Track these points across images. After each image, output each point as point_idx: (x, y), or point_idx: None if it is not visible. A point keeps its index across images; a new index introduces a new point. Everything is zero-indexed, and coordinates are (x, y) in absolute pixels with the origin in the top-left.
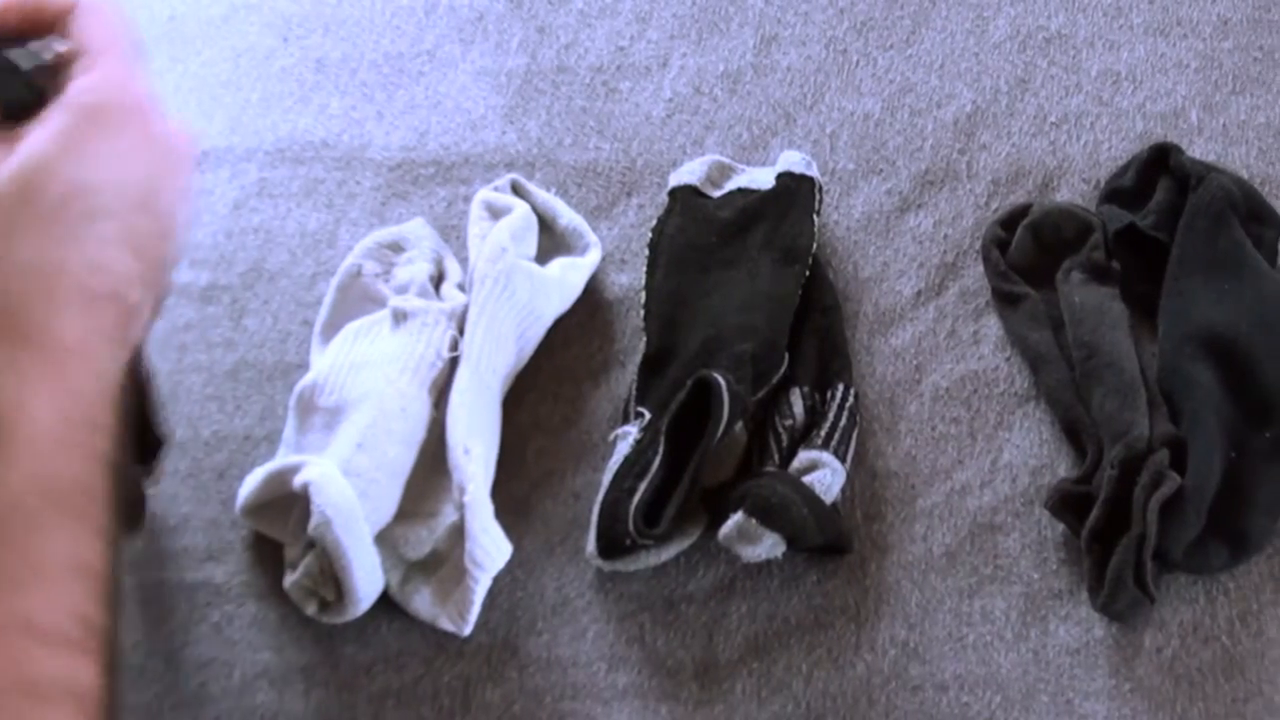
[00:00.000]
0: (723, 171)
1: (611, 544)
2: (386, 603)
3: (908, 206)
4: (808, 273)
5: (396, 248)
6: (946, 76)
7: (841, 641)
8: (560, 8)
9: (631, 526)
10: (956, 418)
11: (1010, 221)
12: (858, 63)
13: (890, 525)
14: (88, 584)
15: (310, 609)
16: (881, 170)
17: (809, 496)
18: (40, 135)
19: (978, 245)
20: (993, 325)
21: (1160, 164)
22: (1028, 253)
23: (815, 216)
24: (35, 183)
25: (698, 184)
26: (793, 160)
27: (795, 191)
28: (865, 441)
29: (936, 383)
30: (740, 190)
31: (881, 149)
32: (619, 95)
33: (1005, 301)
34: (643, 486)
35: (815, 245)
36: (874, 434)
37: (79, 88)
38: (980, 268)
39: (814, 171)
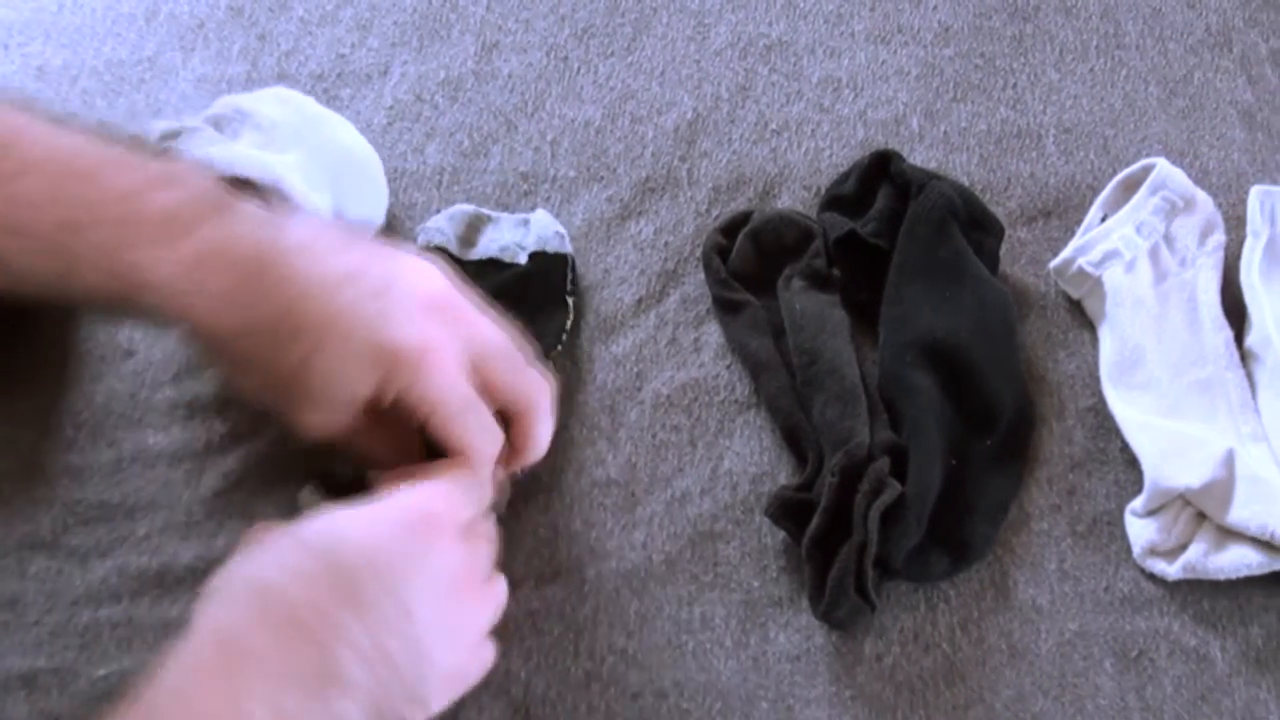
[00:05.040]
0: (473, 227)
1: None
2: (116, 619)
3: (629, 214)
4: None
5: None
6: (668, 84)
7: (560, 648)
8: (281, 16)
9: None
10: (677, 425)
11: (731, 229)
12: (579, 70)
13: (610, 533)
14: None
15: None
16: (602, 177)
17: None
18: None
19: (699, 252)
20: (714, 332)
21: (881, 171)
22: (748, 260)
23: (568, 298)
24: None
25: (450, 247)
26: (546, 233)
27: (548, 274)
28: (586, 449)
29: (658, 390)
30: (493, 262)
31: (602, 156)
32: (340, 103)
33: (726, 309)
34: None
35: (570, 320)
36: (594, 442)
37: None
38: (701, 275)
39: (567, 246)
